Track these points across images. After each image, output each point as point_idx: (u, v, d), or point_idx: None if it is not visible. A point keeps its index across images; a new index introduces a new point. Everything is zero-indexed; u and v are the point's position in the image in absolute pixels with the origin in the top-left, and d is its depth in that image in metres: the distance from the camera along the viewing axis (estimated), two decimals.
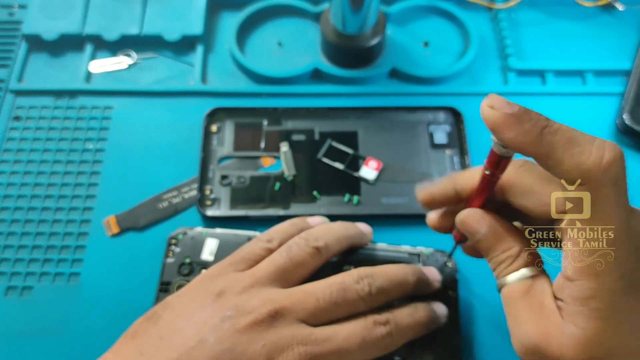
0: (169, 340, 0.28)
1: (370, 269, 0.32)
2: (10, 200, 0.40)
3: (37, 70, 0.46)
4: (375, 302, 0.31)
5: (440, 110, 0.44)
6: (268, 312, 0.28)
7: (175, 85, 0.45)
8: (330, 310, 0.30)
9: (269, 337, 0.28)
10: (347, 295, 0.30)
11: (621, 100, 0.44)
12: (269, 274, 0.31)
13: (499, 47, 0.48)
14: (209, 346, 0.27)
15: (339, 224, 0.35)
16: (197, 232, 0.38)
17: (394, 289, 0.31)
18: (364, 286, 0.30)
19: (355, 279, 0.31)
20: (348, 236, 0.35)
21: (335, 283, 0.30)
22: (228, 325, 0.28)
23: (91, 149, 0.42)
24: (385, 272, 0.32)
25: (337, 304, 0.30)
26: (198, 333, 0.28)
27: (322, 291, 0.30)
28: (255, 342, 0.28)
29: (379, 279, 0.31)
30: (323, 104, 0.44)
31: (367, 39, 0.44)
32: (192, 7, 0.48)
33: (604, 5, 0.50)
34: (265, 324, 0.28)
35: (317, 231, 0.34)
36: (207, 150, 0.42)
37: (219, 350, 0.27)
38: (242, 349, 0.27)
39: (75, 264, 0.38)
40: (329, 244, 0.33)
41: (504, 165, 0.25)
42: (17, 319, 0.36)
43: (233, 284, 0.30)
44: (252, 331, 0.28)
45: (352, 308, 0.30)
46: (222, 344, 0.27)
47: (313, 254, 0.32)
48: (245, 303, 0.29)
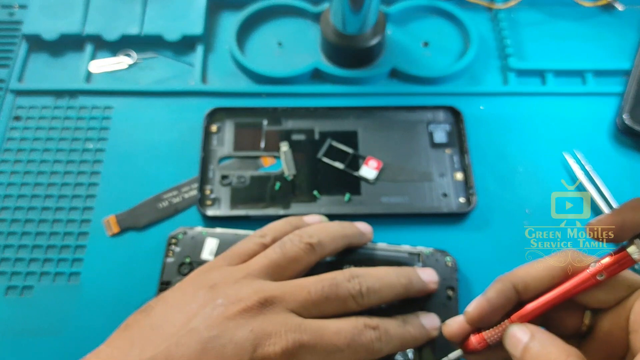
0: (159, 329, 0.28)
1: (363, 269, 0.32)
2: (10, 200, 0.40)
3: (37, 70, 0.46)
4: (366, 302, 0.31)
5: (440, 110, 0.44)
6: (258, 299, 0.28)
7: (176, 85, 0.45)
8: (321, 304, 0.30)
9: (257, 323, 0.28)
10: (338, 291, 0.30)
11: (621, 100, 0.44)
12: (262, 268, 0.31)
13: (499, 47, 0.48)
14: (198, 333, 0.27)
15: (335, 223, 0.35)
16: (197, 231, 0.38)
17: (385, 290, 0.31)
18: (355, 284, 0.30)
19: (347, 277, 0.31)
20: (344, 235, 0.35)
21: (327, 279, 0.30)
22: (217, 312, 0.28)
23: (91, 149, 0.42)
24: (377, 273, 0.32)
25: (328, 299, 0.30)
26: (188, 322, 0.28)
27: (314, 285, 0.30)
28: (243, 328, 0.27)
29: (370, 279, 0.31)
30: (323, 103, 0.44)
31: (367, 39, 0.44)
32: (192, 7, 0.48)
33: (603, 6, 0.50)
34: (254, 310, 0.28)
35: (312, 229, 0.34)
36: (207, 150, 0.42)
37: (208, 337, 0.27)
38: (230, 334, 0.27)
39: (76, 263, 0.38)
40: (323, 242, 0.33)
41: (621, 269, 0.23)
42: (17, 318, 0.36)
43: (226, 277, 0.30)
44: (240, 317, 0.28)
45: (342, 305, 0.30)
46: (211, 330, 0.27)
47: (306, 249, 0.32)
48: (237, 292, 0.29)
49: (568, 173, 0.41)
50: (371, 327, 0.29)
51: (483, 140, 0.42)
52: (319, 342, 0.28)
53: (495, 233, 0.39)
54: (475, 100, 0.45)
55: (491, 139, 0.43)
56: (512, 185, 0.41)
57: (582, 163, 0.41)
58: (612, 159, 0.42)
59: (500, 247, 0.38)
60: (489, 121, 0.44)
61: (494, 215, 0.40)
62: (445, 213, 0.39)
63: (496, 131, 0.43)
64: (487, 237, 0.39)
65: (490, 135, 0.43)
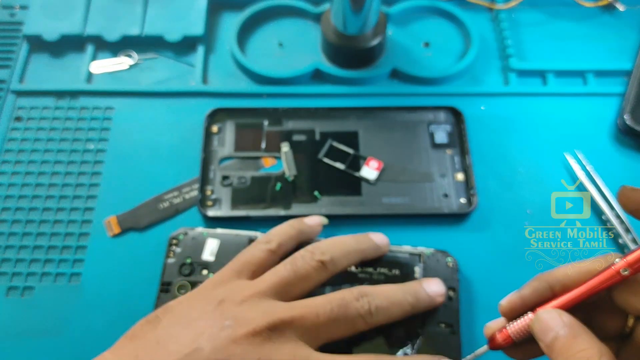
0: (165, 345, 0.28)
1: (371, 288, 0.31)
2: (11, 201, 0.40)
3: (38, 70, 0.46)
4: (375, 321, 0.30)
5: (440, 110, 0.44)
6: (267, 324, 0.28)
7: (176, 85, 0.45)
8: (330, 326, 0.29)
9: (264, 352, 0.27)
10: (347, 312, 0.30)
11: (622, 100, 0.44)
12: (271, 286, 0.30)
13: (500, 47, 0.48)
14: (204, 355, 0.27)
15: (350, 238, 0.34)
16: (198, 232, 0.38)
17: (393, 309, 0.31)
18: (364, 304, 0.30)
19: (356, 296, 0.30)
20: (358, 250, 0.34)
21: (336, 299, 0.30)
22: (225, 334, 0.28)
23: (92, 150, 0.42)
24: (385, 292, 0.31)
25: (337, 320, 0.29)
26: (195, 340, 0.28)
27: (323, 307, 0.29)
28: (250, 355, 0.27)
29: (378, 297, 0.31)
30: (324, 104, 0.44)
31: (367, 40, 0.44)
32: (193, 7, 0.48)
33: (604, 6, 0.50)
34: (262, 336, 0.28)
35: (325, 244, 0.33)
36: (208, 151, 0.42)
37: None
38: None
39: (77, 264, 0.38)
40: (335, 259, 0.32)
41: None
42: (18, 319, 0.36)
43: (234, 294, 0.30)
44: (248, 342, 0.27)
45: (351, 326, 0.30)
46: (217, 353, 0.27)
47: (318, 267, 0.31)
48: (245, 314, 0.29)
49: (569, 173, 0.41)
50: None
51: (484, 141, 0.42)
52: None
53: (496, 233, 0.39)
54: (476, 100, 0.45)
55: (492, 140, 0.43)
56: (513, 186, 0.41)
57: (583, 163, 0.41)
58: (613, 159, 0.42)
59: (501, 247, 0.38)
60: (490, 122, 0.44)
61: (495, 216, 0.40)
62: (446, 213, 0.39)
63: (497, 132, 0.43)
64: (488, 237, 0.39)
65: (491, 135, 0.43)
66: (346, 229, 0.36)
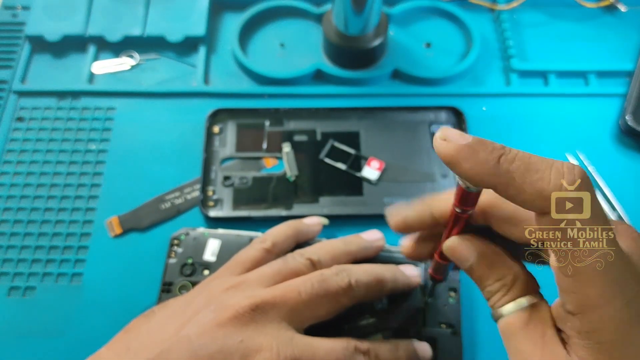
0: (154, 335, 0.29)
1: (348, 265, 0.32)
2: (13, 201, 0.40)
3: (40, 71, 0.46)
4: (357, 295, 0.31)
5: (442, 110, 0.44)
6: (249, 305, 0.28)
7: (178, 86, 0.45)
8: (313, 303, 0.30)
9: (247, 333, 0.28)
10: (328, 287, 0.30)
11: (623, 101, 0.44)
12: (258, 277, 0.31)
13: (502, 48, 0.48)
14: (188, 340, 0.27)
15: (338, 241, 0.35)
16: (200, 232, 0.38)
17: (372, 283, 0.31)
18: (344, 277, 0.31)
19: (334, 271, 0.31)
20: (347, 252, 0.34)
21: (315, 276, 0.31)
22: (209, 319, 0.28)
23: (94, 150, 0.42)
24: (362, 267, 0.32)
25: (318, 296, 0.30)
26: (182, 328, 0.28)
27: (303, 284, 0.30)
28: (233, 337, 0.28)
29: (357, 271, 0.31)
30: (325, 104, 0.44)
31: (369, 40, 0.44)
32: (195, 8, 0.48)
33: (606, 7, 0.50)
34: (246, 318, 0.28)
35: (314, 247, 0.34)
36: (209, 151, 0.42)
37: (198, 345, 0.27)
38: (220, 343, 0.27)
39: (78, 264, 0.38)
40: (324, 260, 0.33)
41: (473, 200, 0.24)
42: (19, 319, 0.36)
43: (222, 284, 0.31)
44: (232, 325, 0.28)
45: (334, 301, 0.30)
46: (201, 338, 0.27)
47: (307, 265, 0.32)
48: (229, 299, 0.29)
49: None
50: (362, 351, 0.29)
51: None
52: None
53: None
54: (477, 101, 0.45)
55: (493, 140, 0.42)
56: None
57: (584, 164, 0.41)
58: (614, 159, 0.42)
59: None
60: (492, 122, 0.44)
61: None
62: None
63: (499, 132, 0.43)
64: None
65: (492, 136, 0.42)
66: (347, 229, 0.37)
